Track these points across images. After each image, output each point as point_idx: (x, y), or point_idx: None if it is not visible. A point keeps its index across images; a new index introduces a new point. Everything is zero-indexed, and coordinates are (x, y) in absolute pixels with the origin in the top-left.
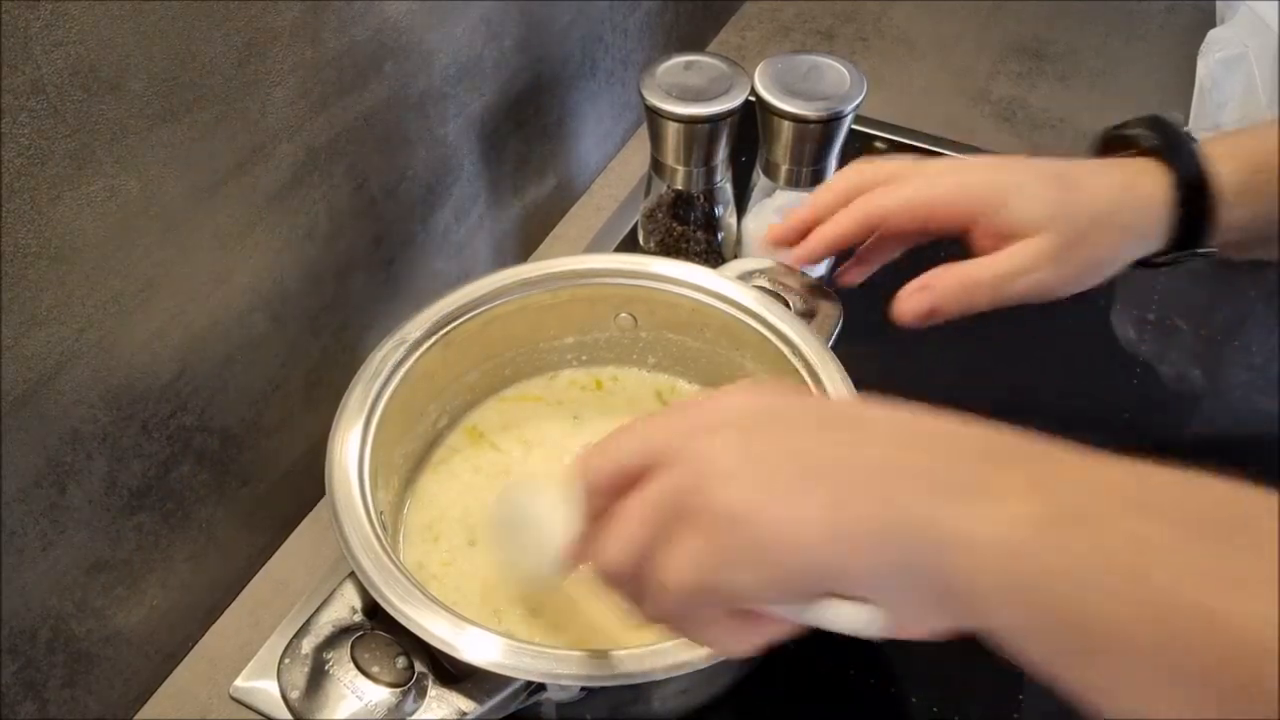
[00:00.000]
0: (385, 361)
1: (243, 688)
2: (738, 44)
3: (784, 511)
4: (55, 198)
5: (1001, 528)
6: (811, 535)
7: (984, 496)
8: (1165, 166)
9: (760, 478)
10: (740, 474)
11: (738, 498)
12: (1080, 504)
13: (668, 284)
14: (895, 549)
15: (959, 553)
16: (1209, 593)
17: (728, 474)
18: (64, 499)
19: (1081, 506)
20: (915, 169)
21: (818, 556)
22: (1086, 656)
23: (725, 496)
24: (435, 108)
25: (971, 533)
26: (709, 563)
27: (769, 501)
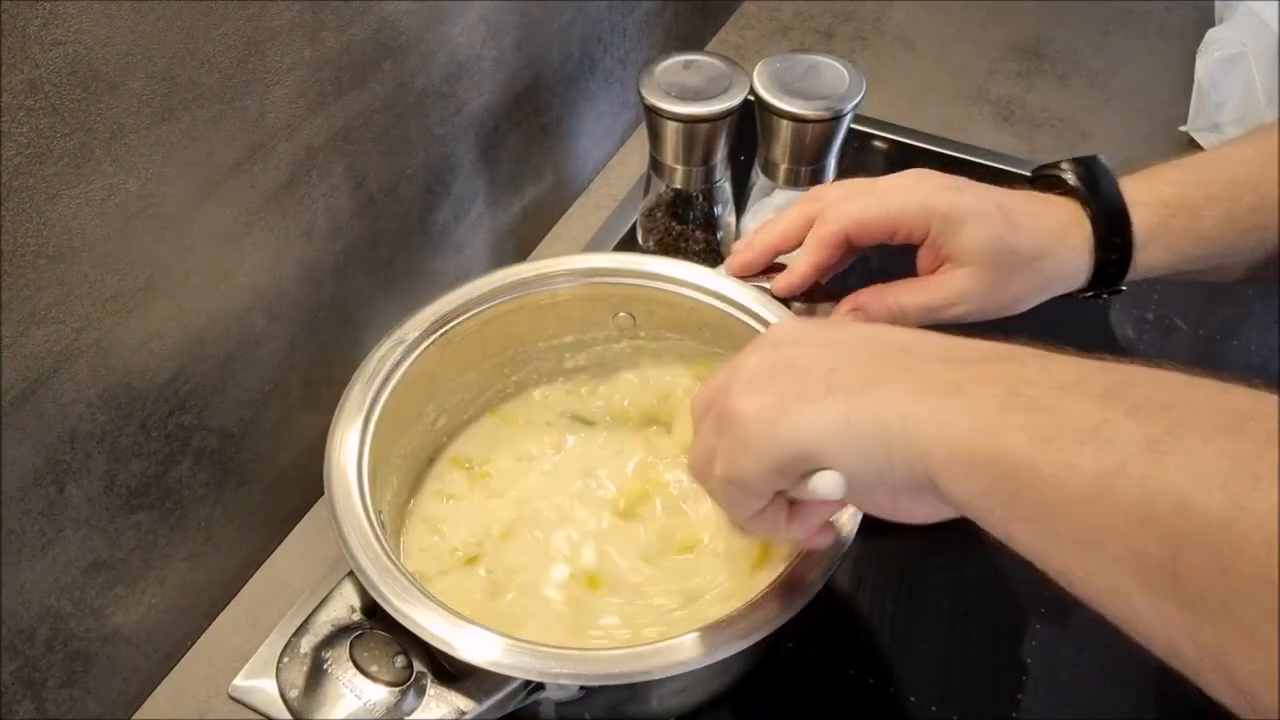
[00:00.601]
0: (384, 361)
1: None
2: (736, 43)
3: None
4: (54, 197)
5: (966, 419)
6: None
7: (950, 393)
8: (1089, 212)
9: (767, 386)
10: (751, 387)
11: (743, 403)
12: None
13: (667, 283)
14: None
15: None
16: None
17: (743, 388)
18: (63, 498)
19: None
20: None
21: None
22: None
23: (736, 404)
24: (434, 107)
25: (943, 423)
26: (727, 453)
27: (763, 403)
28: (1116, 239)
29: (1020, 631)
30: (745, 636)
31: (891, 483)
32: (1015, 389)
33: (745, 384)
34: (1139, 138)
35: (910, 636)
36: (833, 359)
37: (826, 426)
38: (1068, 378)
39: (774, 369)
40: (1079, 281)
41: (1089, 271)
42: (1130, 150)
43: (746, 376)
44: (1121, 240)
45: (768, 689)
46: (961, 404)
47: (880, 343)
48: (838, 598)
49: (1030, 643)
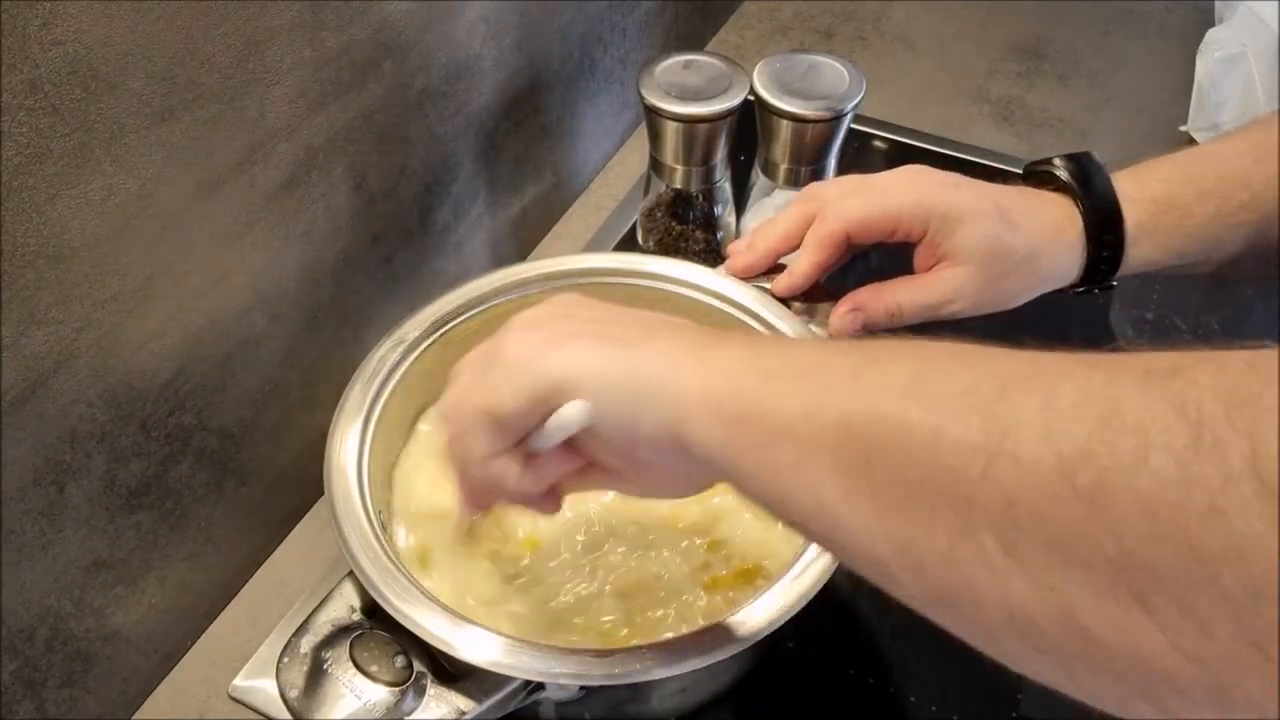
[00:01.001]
0: (384, 361)
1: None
2: (736, 43)
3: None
4: (53, 197)
5: (715, 368)
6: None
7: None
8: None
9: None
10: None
11: (514, 338)
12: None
13: (666, 283)
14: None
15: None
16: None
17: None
18: (63, 498)
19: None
20: (872, 182)
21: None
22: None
23: (507, 339)
24: (434, 106)
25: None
26: (487, 385)
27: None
28: (1108, 235)
29: None
30: (745, 636)
31: (637, 429)
32: (760, 343)
33: (520, 326)
34: (1139, 138)
35: (910, 636)
36: (604, 320)
37: (590, 363)
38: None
39: (549, 316)
40: (1072, 277)
41: (1081, 267)
42: (1130, 150)
43: (523, 320)
44: (1113, 237)
45: (768, 689)
46: (712, 356)
47: (656, 317)
48: (838, 598)
49: None
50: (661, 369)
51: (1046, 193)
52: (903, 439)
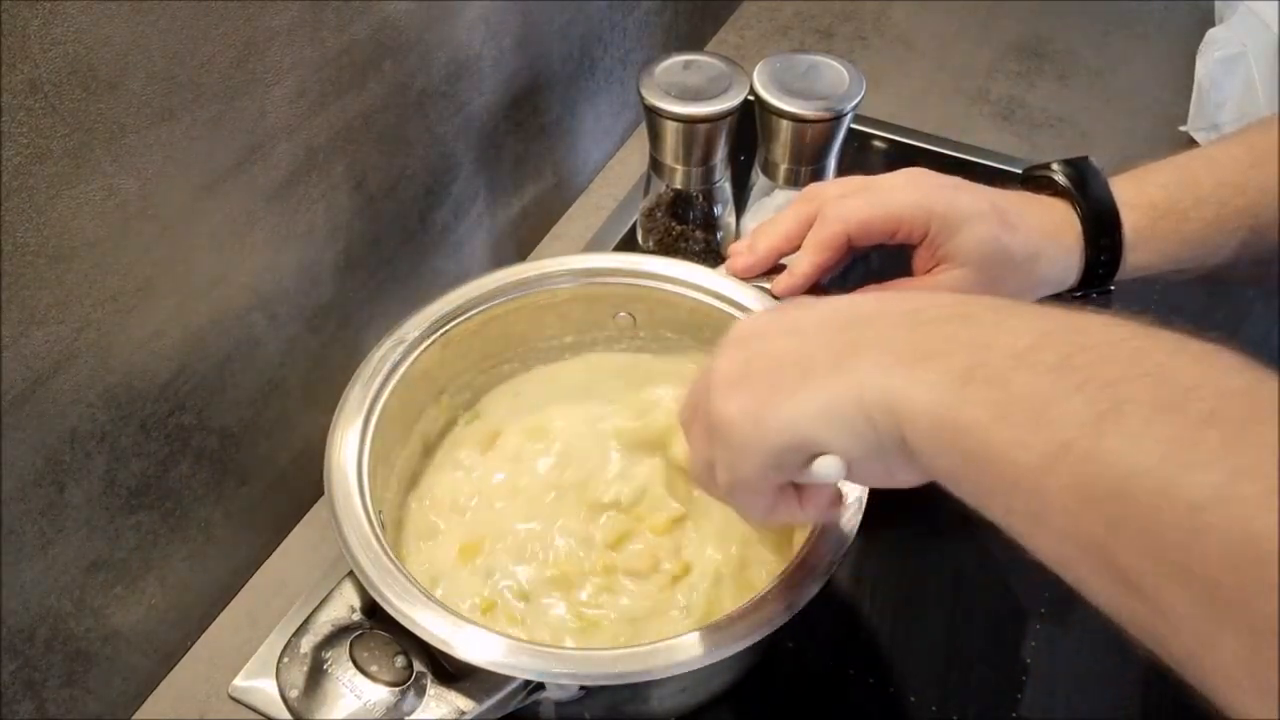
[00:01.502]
0: (384, 361)
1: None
2: (736, 43)
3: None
4: (54, 196)
5: (931, 391)
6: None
7: (917, 364)
8: (1079, 214)
9: (744, 387)
10: (728, 390)
11: (726, 408)
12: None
13: (666, 283)
14: (859, 418)
15: (905, 413)
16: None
17: (721, 392)
18: (63, 498)
19: (993, 366)
20: (872, 183)
21: (795, 436)
22: (998, 493)
23: (719, 409)
24: (434, 107)
25: (913, 395)
26: (725, 461)
27: (746, 405)
28: (1106, 240)
29: (1020, 631)
30: (745, 636)
31: (884, 455)
32: (974, 357)
33: (723, 388)
34: (1139, 138)
35: (910, 636)
36: (799, 346)
37: (811, 414)
38: (1022, 342)
39: (747, 367)
40: (1069, 281)
41: (1079, 271)
42: (1130, 150)
43: (722, 380)
44: (1111, 241)
45: (768, 689)
46: (927, 376)
47: (841, 317)
48: (838, 598)
49: (1030, 643)
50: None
51: (1044, 197)
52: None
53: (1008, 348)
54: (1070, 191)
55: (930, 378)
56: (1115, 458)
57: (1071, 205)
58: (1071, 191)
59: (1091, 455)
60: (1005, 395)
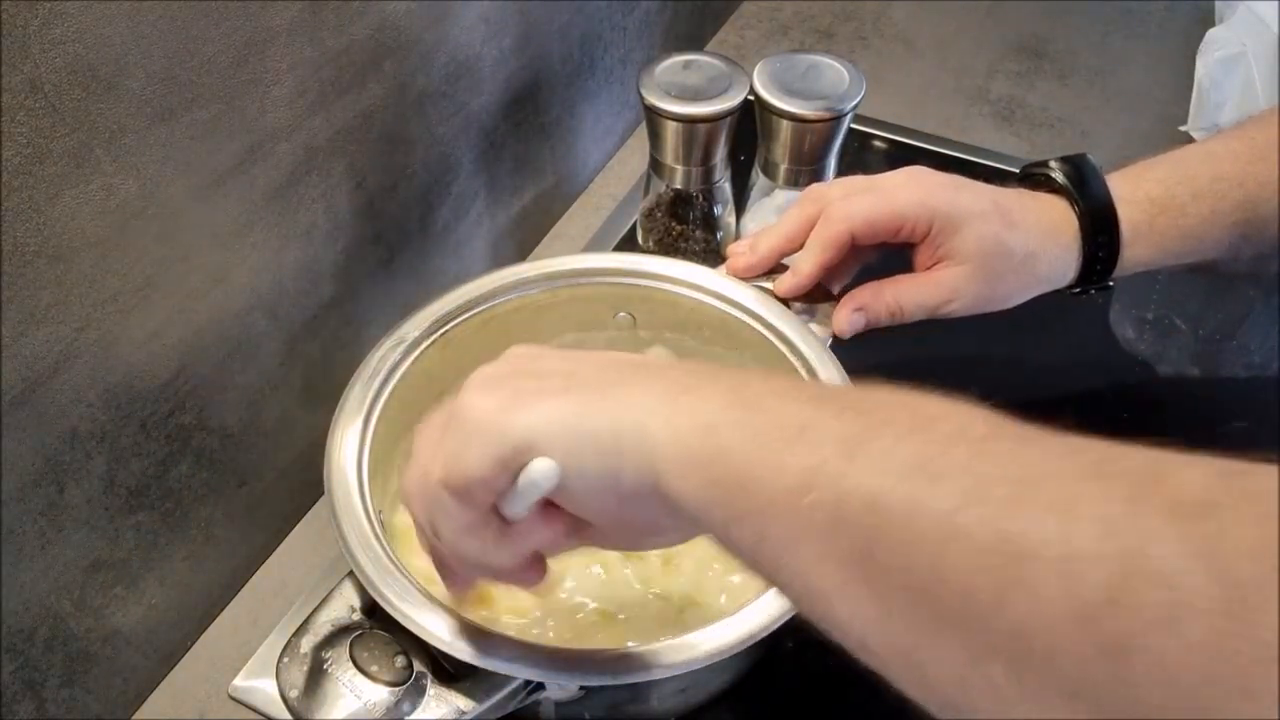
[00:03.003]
0: (384, 360)
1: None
2: (736, 43)
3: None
4: (53, 196)
5: (690, 418)
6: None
7: (685, 396)
8: (1077, 211)
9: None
10: (485, 387)
11: (475, 401)
12: (755, 397)
13: (666, 283)
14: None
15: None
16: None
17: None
18: (62, 498)
19: (759, 398)
20: (875, 182)
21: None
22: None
23: (467, 402)
24: (434, 106)
25: (670, 423)
26: (449, 453)
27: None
28: (1104, 237)
29: None
30: (745, 637)
31: (618, 485)
32: (736, 390)
33: (479, 386)
34: (1139, 138)
35: None
36: (570, 368)
37: (560, 419)
38: (783, 385)
39: (510, 373)
40: (1069, 278)
41: (1078, 268)
42: (1130, 150)
43: (480, 380)
44: (1109, 238)
45: (768, 689)
46: (688, 403)
47: (620, 359)
48: None
49: None
50: (636, 418)
51: (1042, 194)
52: (906, 539)
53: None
54: (1068, 189)
55: (691, 405)
56: (868, 473)
57: (1069, 203)
58: (1069, 189)
59: (845, 472)
60: (764, 419)
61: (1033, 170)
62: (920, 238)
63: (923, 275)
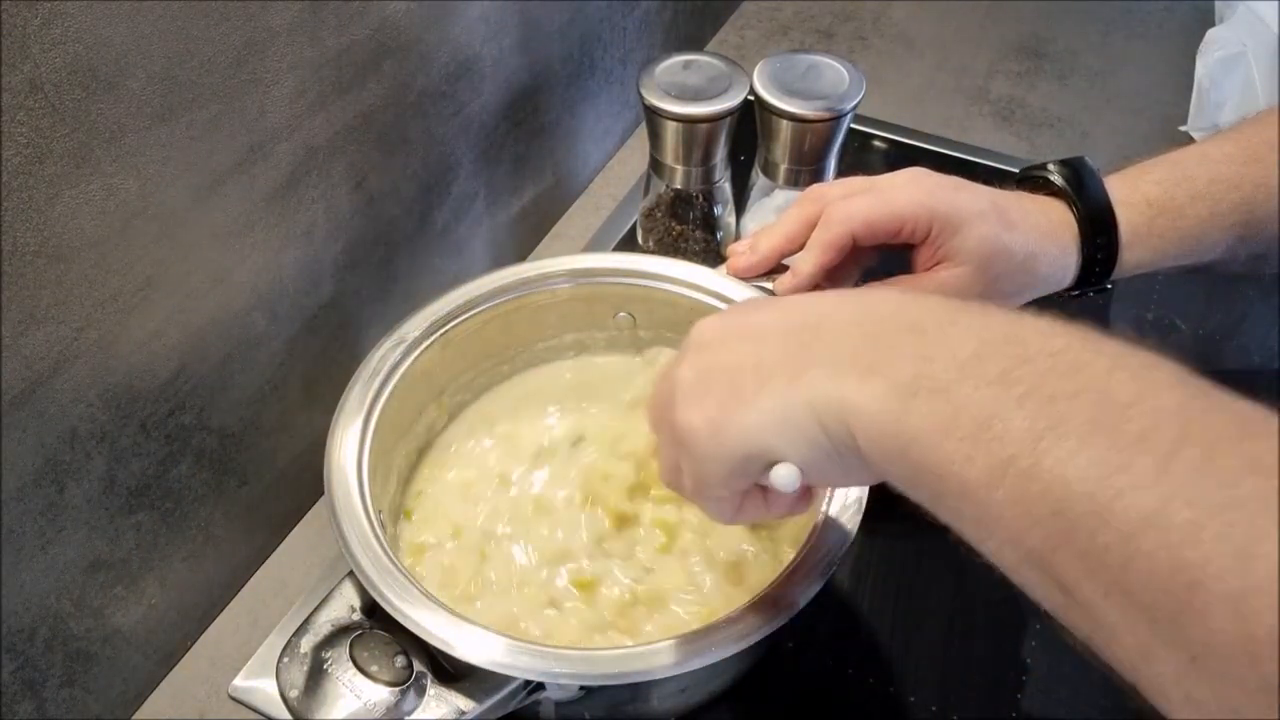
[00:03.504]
0: (384, 360)
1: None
2: (736, 43)
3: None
4: (54, 196)
5: (879, 402)
6: (743, 430)
7: (867, 372)
8: (1075, 213)
9: (704, 395)
10: (688, 398)
11: (687, 417)
12: (939, 375)
13: (666, 283)
14: (813, 426)
15: (856, 422)
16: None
17: (682, 401)
18: (62, 498)
19: (938, 377)
20: (875, 183)
21: (754, 445)
22: (948, 500)
23: (681, 419)
24: (434, 106)
25: (862, 406)
26: (690, 469)
27: (707, 414)
28: (1102, 239)
29: (1020, 631)
30: (745, 636)
31: (840, 461)
32: (919, 368)
33: (685, 397)
34: (1139, 138)
35: (910, 636)
36: (755, 352)
37: (767, 423)
38: (964, 352)
39: (706, 376)
40: (1067, 280)
41: (1076, 270)
42: (1130, 150)
43: (684, 389)
44: (1107, 240)
45: (768, 689)
46: (874, 388)
47: (794, 322)
48: (838, 598)
49: (1030, 643)
50: (833, 408)
51: (1041, 197)
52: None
53: (950, 358)
54: (1066, 191)
55: (878, 389)
56: (1054, 477)
57: (1068, 205)
58: (1068, 191)
59: (1032, 473)
60: (950, 408)
61: (1031, 173)
62: (920, 239)
63: (922, 276)
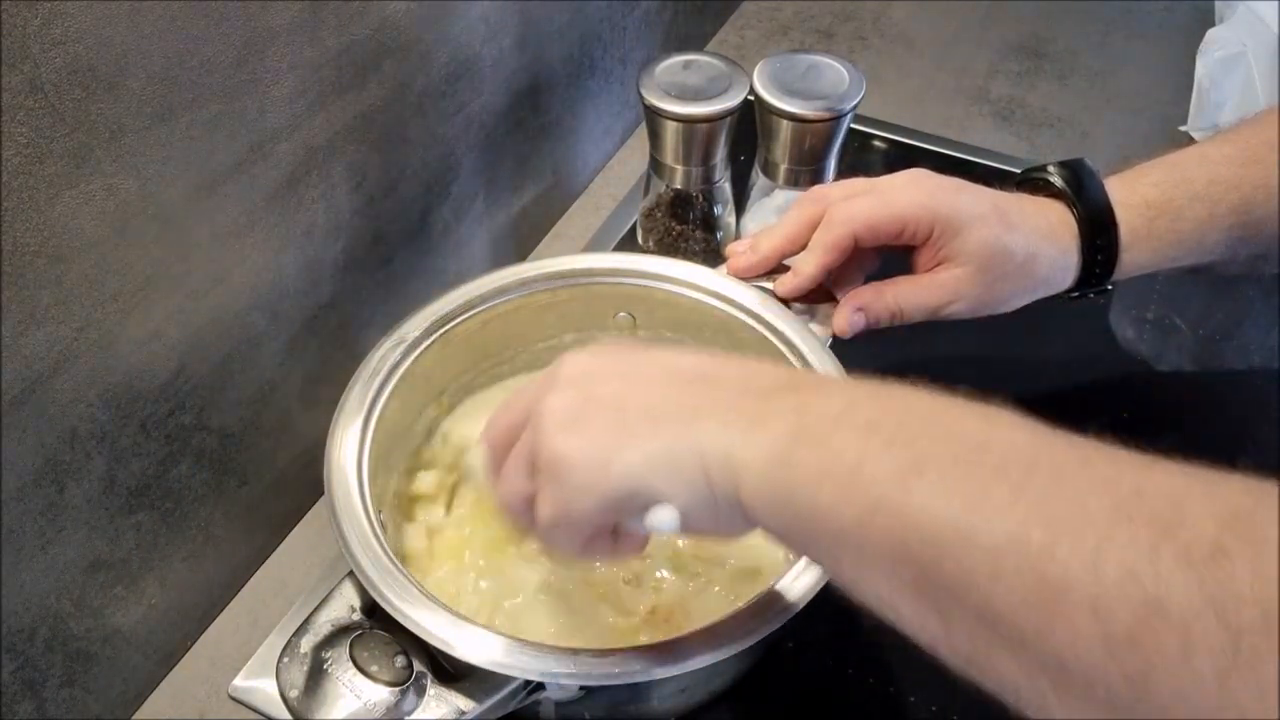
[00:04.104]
0: (384, 360)
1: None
2: (736, 43)
3: (600, 452)
4: (54, 196)
5: (765, 452)
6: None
7: (753, 427)
8: (1075, 215)
9: (586, 425)
10: (566, 427)
11: (565, 445)
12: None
13: (666, 283)
14: (698, 472)
15: (742, 473)
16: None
17: (558, 427)
18: (62, 498)
19: (816, 429)
20: (876, 184)
21: (638, 483)
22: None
23: (557, 446)
24: (434, 106)
25: (748, 458)
26: (557, 498)
27: (588, 445)
28: (1102, 240)
29: None
30: (745, 636)
31: (716, 509)
32: (801, 422)
33: (558, 425)
34: (1139, 138)
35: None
36: (642, 394)
37: (655, 465)
38: (838, 406)
39: (585, 407)
40: (1068, 281)
41: (1077, 272)
42: (1130, 150)
43: (557, 417)
44: (1107, 242)
45: (768, 689)
46: (760, 439)
47: (682, 371)
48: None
49: None
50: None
51: (1041, 198)
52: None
53: (825, 411)
54: (1066, 193)
55: (763, 440)
56: (922, 510)
57: (1068, 206)
58: (1068, 193)
59: (902, 509)
60: (826, 455)
61: (1031, 174)
62: (921, 240)
63: (924, 277)
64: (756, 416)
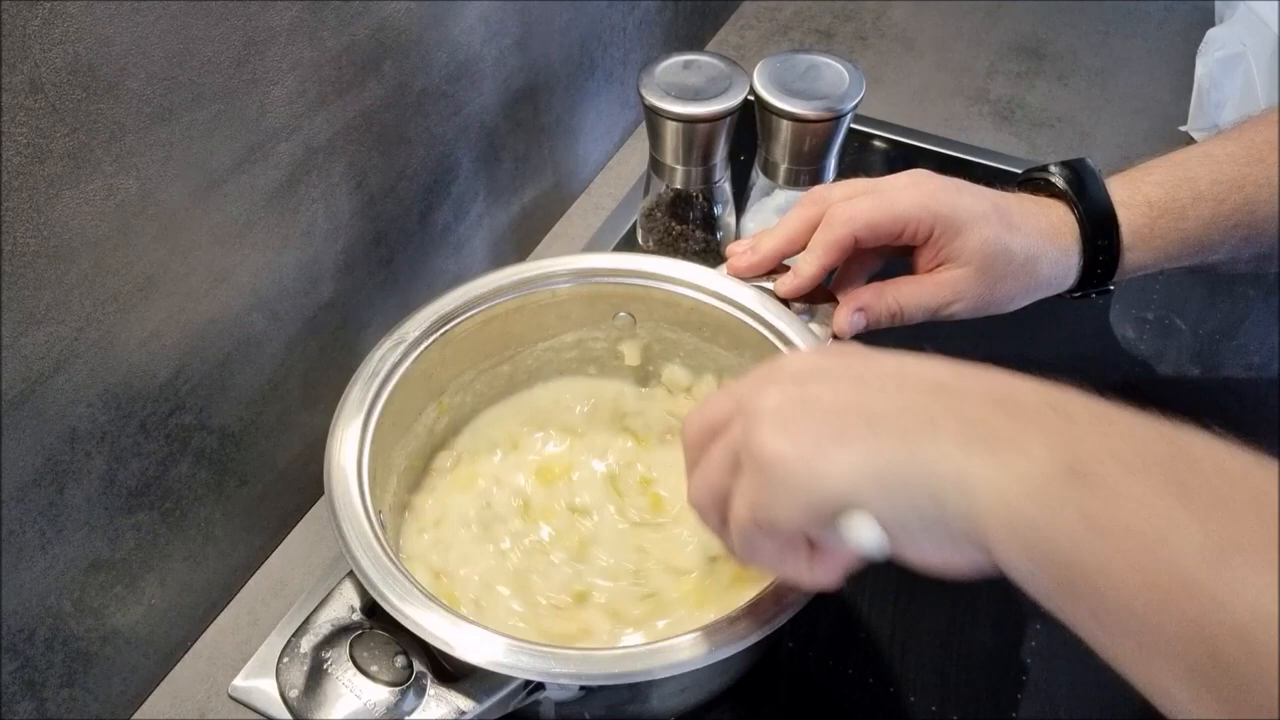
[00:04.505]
0: (384, 360)
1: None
2: (736, 43)
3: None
4: (54, 196)
5: (1018, 482)
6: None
7: (1005, 448)
8: (1076, 215)
9: (798, 425)
10: (779, 424)
11: (773, 443)
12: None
13: (666, 283)
14: (924, 492)
15: (983, 501)
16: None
17: (771, 425)
18: (62, 498)
19: (1086, 465)
20: (877, 185)
21: (848, 489)
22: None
23: (765, 442)
24: (434, 106)
25: (994, 485)
26: (758, 498)
27: (800, 446)
28: (1104, 241)
29: (1020, 631)
30: (745, 636)
31: (938, 536)
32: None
33: (773, 421)
34: (1139, 138)
35: (910, 636)
36: (868, 397)
37: (871, 471)
38: (1126, 448)
39: (802, 406)
40: (1069, 282)
41: (1078, 272)
42: (1130, 150)
43: (772, 413)
44: (1109, 242)
45: (768, 689)
46: (1017, 467)
47: (915, 379)
48: (838, 598)
49: (1030, 643)
50: (955, 477)
51: (1042, 199)
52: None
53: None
54: (1068, 194)
55: (1020, 467)
56: (1237, 599)
57: (1069, 207)
58: (1069, 194)
59: (1216, 597)
60: (1109, 506)
61: (1032, 174)
62: (922, 241)
63: (924, 277)
64: (1007, 437)
